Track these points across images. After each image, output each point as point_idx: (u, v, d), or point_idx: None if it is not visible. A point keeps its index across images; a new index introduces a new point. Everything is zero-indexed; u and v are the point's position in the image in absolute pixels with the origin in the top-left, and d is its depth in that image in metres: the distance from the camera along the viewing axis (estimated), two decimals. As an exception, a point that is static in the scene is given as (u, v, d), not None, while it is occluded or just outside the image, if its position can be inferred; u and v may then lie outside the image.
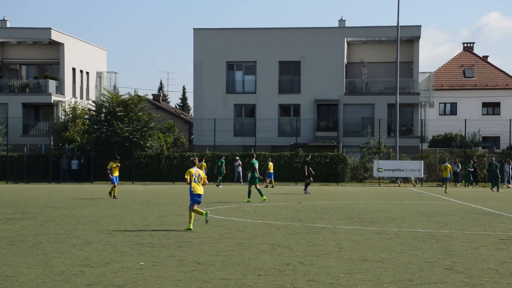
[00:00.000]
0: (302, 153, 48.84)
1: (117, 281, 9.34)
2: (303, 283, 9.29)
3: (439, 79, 68.62)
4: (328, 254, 11.92)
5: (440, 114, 69.01)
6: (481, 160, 49.54)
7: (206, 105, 55.28)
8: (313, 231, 15.60)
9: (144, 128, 50.10)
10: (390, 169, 46.07)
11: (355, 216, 19.90)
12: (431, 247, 13.00)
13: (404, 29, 51.61)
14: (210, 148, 49.49)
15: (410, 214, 20.79)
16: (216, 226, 16.58)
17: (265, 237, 14.49)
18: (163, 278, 9.60)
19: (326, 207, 23.92)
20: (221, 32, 56.71)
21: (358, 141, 51.31)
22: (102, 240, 13.72)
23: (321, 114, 55.83)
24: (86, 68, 61.67)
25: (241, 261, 11.13)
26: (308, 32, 55.69)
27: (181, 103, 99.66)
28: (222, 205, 24.53)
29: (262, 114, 54.72)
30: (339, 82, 54.69)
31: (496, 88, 69.48)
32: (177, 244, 13.12)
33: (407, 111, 55.25)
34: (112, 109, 49.88)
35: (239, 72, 56.35)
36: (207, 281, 9.39)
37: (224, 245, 12.98)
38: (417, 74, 55.34)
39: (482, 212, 21.88)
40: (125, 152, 47.66)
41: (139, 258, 11.34)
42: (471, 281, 9.46)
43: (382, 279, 9.57)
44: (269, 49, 55.16)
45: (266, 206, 24.14)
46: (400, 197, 31.11)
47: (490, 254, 12.05)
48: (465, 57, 74.39)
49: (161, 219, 18.64)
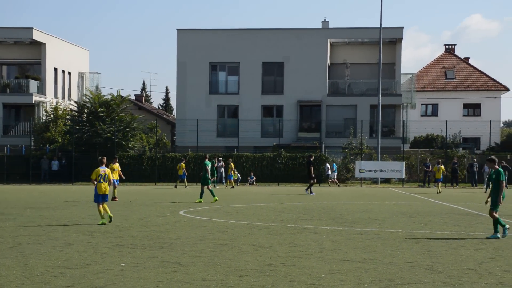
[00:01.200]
0: (285, 154, 48.96)
1: (97, 283, 9.30)
2: (284, 283, 9.31)
3: (421, 81, 69.03)
4: (310, 255, 11.95)
5: (422, 115, 69.43)
6: (462, 161, 49.90)
7: (189, 105, 55.21)
8: (295, 232, 15.63)
9: (126, 128, 49.91)
10: (372, 170, 46.30)
11: (336, 217, 19.97)
12: (411, 247, 13.08)
13: (386, 30, 51.87)
14: (193, 148, 49.42)
15: (391, 215, 20.89)
16: (198, 227, 16.57)
17: (247, 237, 14.49)
18: (144, 279, 9.58)
19: (308, 207, 23.97)
20: (205, 32, 56.64)
21: (340, 142, 51.48)
22: (82, 241, 13.66)
23: (304, 115, 55.96)
24: (68, 68, 61.32)
25: (222, 262, 11.13)
26: (291, 33, 55.80)
27: (164, 104, 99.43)
28: (204, 206, 24.50)
29: (245, 115, 54.74)
30: (322, 83, 54.84)
31: (477, 90, 70.03)
32: (158, 245, 13.09)
33: (389, 112, 55.53)
34: (94, 109, 49.65)
35: (222, 72, 56.34)
36: (189, 282, 9.38)
37: (205, 246, 12.97)
38: (399, 76, 55.65)
39: (462, 213, 22.05)
40: (107, 153, 47.43)
41: (120, 260, 11.30)
42: (450, 281, 9.53)
43: (363, 280, 9.61)
44: (252, 50, 55.19)
45: (248, 207, 24.15)
46: (382, 198, 31.25)
47: (469, 254, 12.15)
48: (446, 59, 74.93)
49: (142, 220, 18.59)
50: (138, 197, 30.23)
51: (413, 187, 44.91)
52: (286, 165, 48.79)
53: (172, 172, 48.35)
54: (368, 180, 48.45)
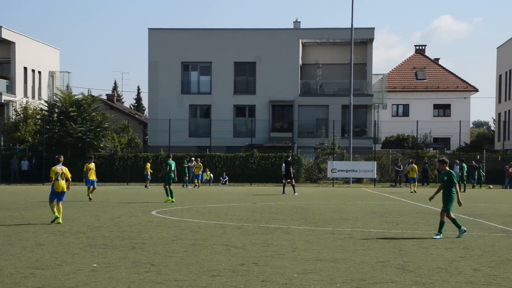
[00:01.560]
0: (257, 154, 49.00)
1: (68, 283, 9.21)
2: (257, 283, 9.31)
3: (391, 81, 69.63)
4: (282, 255, 11.98)
5: (393, 116, 70.06)
6: (432, 161, 50.42)
7: (161, 105, 54.99)
8: (268, 232, 15.65)
9: (97, 128, 49.56)
10: (344, 170, 46.56)
11: (309, 217, 20.04)
12: (383, 247, 13.17)
13: (358, 31, 52.20)
14: (165, 148, 49.23)
15: (363, 214, 21.03)
16: (170, 227, 16.51)
17: (220, 238, 14.48)
18: (116, 279, 9.51)
19: (281, 207, 24.02)
20: (176, 32, 56.47)
21: (312, 142, 51.69)
22: (53, 242, 13.52)
23: (276, 115, 56.07)
24: (38, 68, 60.69)
25: (195, 262, 11.10)
26: (263, 33, 55.87)
27: (136, 104, 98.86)
28: (176, 206, 24.42)
29: (217, 115, 54.68)
30: (294, 83, 55.01)
31: (447, 90, 70.86)
32: (130, 246, 13.01)
33: (361, 112, 55.89)
34: (65, 109, 49.22)
35: (194, 72, 56.21)
36: (161, 282, 9.34)
37: (178, 246, 12.92)
38: (370, 76, 56.04)
39: (433, 212, 22.27)
40: (78, 152, 47.09)
41: (91, 260, 11.21)
42: (421, 280, 9.62)
43: (335, 279, 9.66)
44: (224, 50, 55.15)
45: (220, 207, 24.13)
46: (354, 198, 31.44)
47: (440, 254, 12.27)
48: (417, 60, 75.68)
49: (114, 220, 18.47)
50: (109, 197, 30.03)
51: (384, 187, 45.25)
52: (259, 165, 48.85)
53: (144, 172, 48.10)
54: (340, 180, 48.71)
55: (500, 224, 18.27)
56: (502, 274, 10.16)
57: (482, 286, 9.24)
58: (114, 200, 27.89)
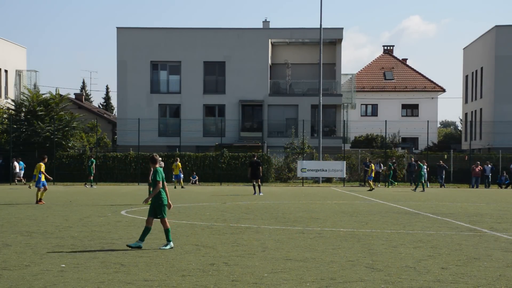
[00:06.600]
0: (227, 154, 48.94)
1: (36, 284, 9.12)
2: (227, 283, 9.32)
3: (360, 81, 70.12)
4: (252, 254, 11.99)
5: (362, 115, 70.58)
6: (401, 161, 50.89)
7: (130, 104, 54.67)
8: (238, 231, 15.66)
9: (66, 128, 49.11)
10: (314, 169, 46.75)
11: (279, 216, 20.09)
12: (352, 246, 13.27)
13: (326, 31, 52.46)
14: (134, 148, 48.94)
15: (332, 214, 21.14)
16: (140, 227, 16.41)
17: (190, 237, 14.45)
18: (85, 280, 9.44)
19: (251, 207, 24.05)
20: (145, 31, 56.18)
21: (282, 142, 51.83)
22: (21, 242, 13.36)
23: (245, 115, 56.11)
24: (4, 66, 59.79)
25: (165, 261, 11.06)
26: (232, 32, 55.86)
27: (105, 103, 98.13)
28: (147, 206, 24.26)
29: (187, 114, 54.52)
30: (264, 83, 55.10)
31: (415, 91, 71.59)
32: (99, 246, 12.92)
33: (330, 112, 56.18)
34: (33, 108, 48.68)
35: (163, 72, 56.00)
36: (130, 282, 9.29)
37: (147, 246, 12.86)
38: (339, 76, 56.38)
39: (401, 211, 22.49)
40: (46, 152, 46.49)
41: (60, 261, 11.10)
42: (390, 279, 9.71)
43: (305, 278, 9.70)
44: (193, 49, 55.01)
45: (190, 206, 24.07)
46: (323, 197, 31.59)
47: (409, 253, 12.40)
48: (385, 60, 76.34)
49: (83, 220, 18.31)
50: (78, 197, 29.76)
51: (354, 186, 45.56)
52: (229, 164, 48.82)
53: (113, 172, 47.90)
54: (310, 179, 48.90)
55: (467, 223, 18.52)
56: (469, 273, 10.30)
57: (450, 284, 9.36)
58: (83, 200, 27.64)
